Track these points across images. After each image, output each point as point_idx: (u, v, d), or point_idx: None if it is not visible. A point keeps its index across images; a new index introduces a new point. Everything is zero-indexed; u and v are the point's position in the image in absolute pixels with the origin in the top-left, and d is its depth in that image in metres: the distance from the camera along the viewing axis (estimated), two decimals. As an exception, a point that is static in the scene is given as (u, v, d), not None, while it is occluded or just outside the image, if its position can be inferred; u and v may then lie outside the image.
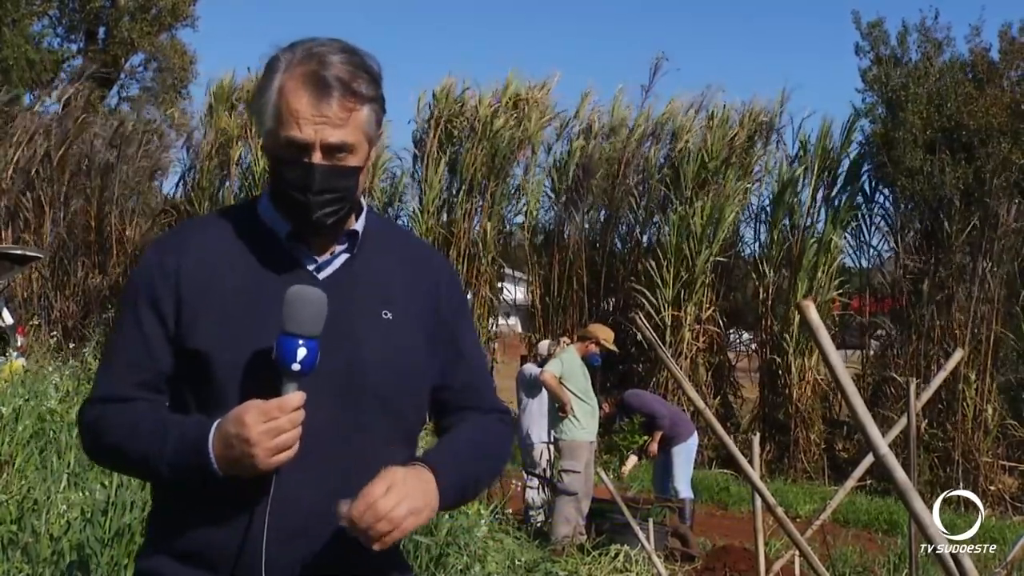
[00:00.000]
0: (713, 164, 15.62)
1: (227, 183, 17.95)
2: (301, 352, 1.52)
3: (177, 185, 19.22)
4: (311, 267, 1.67)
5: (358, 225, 1.72)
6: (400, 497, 1.49)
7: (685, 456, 8.75)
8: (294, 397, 1.51)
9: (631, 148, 16.51)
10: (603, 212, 16.78)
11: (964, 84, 14.83)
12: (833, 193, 15.69)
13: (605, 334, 8.19)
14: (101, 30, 25.71)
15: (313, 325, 1.53)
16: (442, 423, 1.79)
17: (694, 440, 8.88)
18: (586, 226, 16.90)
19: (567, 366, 7.83)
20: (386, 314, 1.68)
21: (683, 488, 8.64)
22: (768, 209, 16.08)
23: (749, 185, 16.04)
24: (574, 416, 7.73)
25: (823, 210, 15.61)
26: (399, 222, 17.13)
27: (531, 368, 8.76)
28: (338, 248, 1.70)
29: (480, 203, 16.72)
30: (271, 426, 1.48)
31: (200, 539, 1.58)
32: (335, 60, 1.60)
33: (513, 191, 17.21)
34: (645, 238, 16.79)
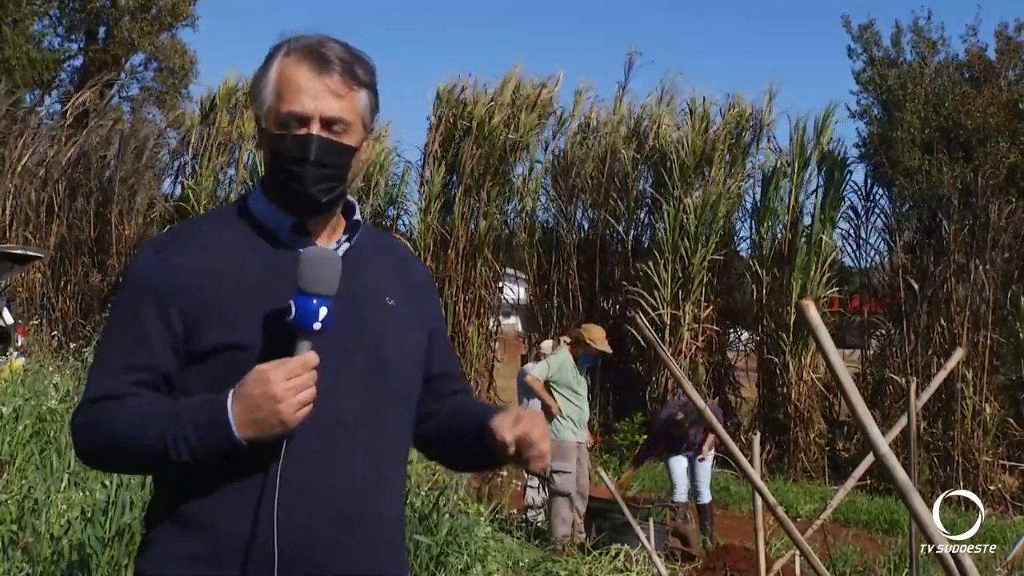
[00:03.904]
0: (693, 160, 15.53)
1: (225, 181, 17.94)
2: (322, 311, 1.54)
3: (175, 185, 19.26)
4: None
5: (358, 217, 1.76)
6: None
7: (709, 464, 9.05)
8: (312, 356, 1.54)
9: (612, 145, 16.49)
10: (601, 211, 16.72)
11: (961, 84, 14.83)
12: (816, 189, 15.52)
13: (593, 334, 8.07)
14: (101, 30, 25.73)
15: (330, 285, 1.56)
16: (425, 409, 1.82)
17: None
18: (584, 224, 16.89)
19: (555, 368, 7.82)
20: (389, 300, 1.74)
21: (706, 492, 8.87)
22: (757, 206, 15.99)
23: (741, 182, 15.97)
24: (561, 417, 7.74)
25: (811, 206, 15.52)
26: (401, 221, 17.17)
27: (531, 368, 8.77)
28: (341, 238, 1.73)
29: (478, 203, 16.71)
30: (295, 382, 1.51)
31: (208, 534, 1.56)
32: (335, 46, 1.66)
33: (510, 190, 17.17)
34: (636, 235, 16.75)
